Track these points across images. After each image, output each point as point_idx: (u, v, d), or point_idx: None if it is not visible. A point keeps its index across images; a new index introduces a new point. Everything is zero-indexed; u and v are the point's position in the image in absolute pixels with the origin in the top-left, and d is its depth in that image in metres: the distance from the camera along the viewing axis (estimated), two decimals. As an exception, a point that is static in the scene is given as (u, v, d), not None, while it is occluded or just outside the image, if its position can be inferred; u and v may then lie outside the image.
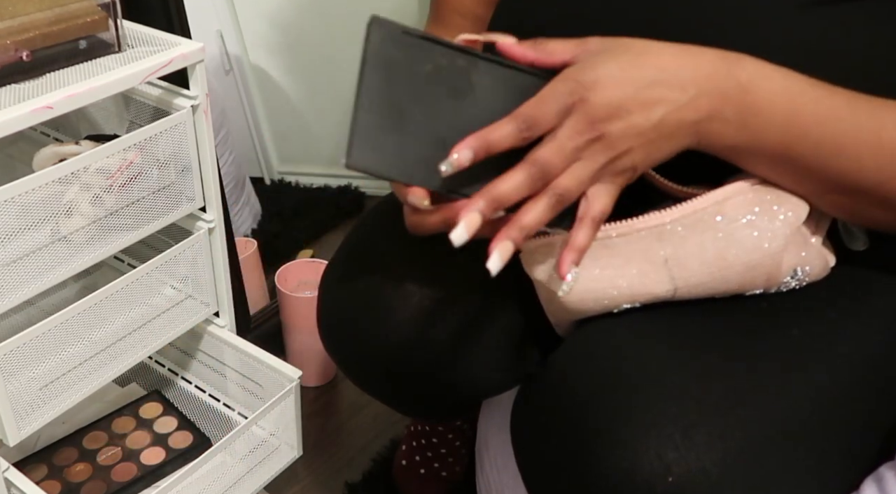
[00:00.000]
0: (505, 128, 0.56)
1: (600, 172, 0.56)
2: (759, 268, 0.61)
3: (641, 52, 0.56)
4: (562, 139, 0.55)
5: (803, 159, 0.57)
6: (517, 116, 0.56)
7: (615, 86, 0.54)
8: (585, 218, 0.57)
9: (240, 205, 1.53)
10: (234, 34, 1.61)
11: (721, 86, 0.55)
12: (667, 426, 0.54)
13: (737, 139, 0.57)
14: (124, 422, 0.98)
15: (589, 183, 0.56)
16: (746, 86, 0.55)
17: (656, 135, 0.56)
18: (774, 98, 0.56)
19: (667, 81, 0.55)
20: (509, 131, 0.55)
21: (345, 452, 1.24)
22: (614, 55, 0.55)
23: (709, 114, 0.56)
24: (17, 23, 0.66)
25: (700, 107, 0.55)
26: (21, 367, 0.71)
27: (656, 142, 0.56)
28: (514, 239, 0.56)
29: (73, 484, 0.90)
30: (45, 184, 0.67)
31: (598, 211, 0.57)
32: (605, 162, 0.56)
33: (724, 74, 0.55)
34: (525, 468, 0.65)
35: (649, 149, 0.56)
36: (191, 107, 0.76)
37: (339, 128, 1.72)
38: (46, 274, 0.70)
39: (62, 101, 0.65)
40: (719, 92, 0.55)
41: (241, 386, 0.95)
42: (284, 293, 1.27)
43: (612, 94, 0.54)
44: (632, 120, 0.55)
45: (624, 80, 0.55)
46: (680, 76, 0.55)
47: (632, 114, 0.55)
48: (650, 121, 0.55)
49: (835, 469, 0.57)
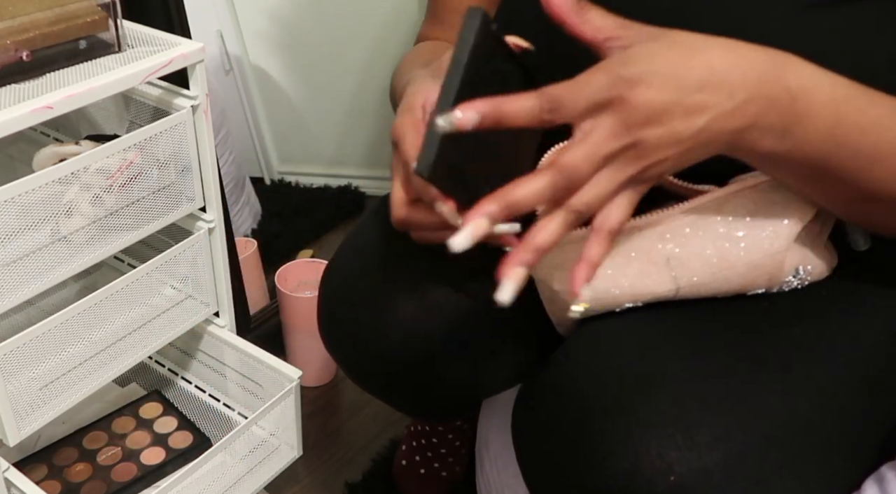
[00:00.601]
0: (525, 103, 0.49)
1: (626, 183, 0.51)
2: (761, 268, 0.61)
3: (690, 47, 0.50)
4: (595, 143, 0.49)
5: (839, 170, 0.54)
6: (544, 94, 0.49)
7: (660, 87, 0.48)
8: (602, 229, 0.52)
9: (240, 205, 1.53)
10: (234, 34, 1.61)
11: (771, 91, 0.50)
12: (668, 425, 0.54)
13: (775, 147, 0.53)
14: (124, 422, 0.98)
15: (612, 196, 0.51)
16: (796, 92, 0.51)
17: (694, 144, 0.51)
18: (821, 107, 0.52)
19: (715, 84, 0.49)
20: (529, 107, 0.49)
21: (345, 452, 1.24)
22: (661, 49, 0.50)
23: (753, 122, 0.51)
24: (17, 23, 0.66)
25: (746, 114, 0.50)
26: (21, 367, 0.71)
27: (692, 151, 0.51)
28: (527, 262, 0.50)
29: (73, 484, 0.90)
30: (45, 184, 0.67)
31: (615, 222, 0.52)
32: (635, 173, 0.51)
33: (775, 78, 0.50)
34: (526, 467, 0.65)
35: (683, 158, 0.51)
36: (191, 107, 0.76)
37: (339, 128, 1.72)
38: (46, 274, 0.70)
39: (62, 101, 0.65)
40: (768, 98, 0.50)
41: (241, 386, 0.95)
42: (284, 293, 1.27)
43: (656, 97, 0.48)
44: (673, 126, 0.49)
45: (670, 81, 0.49)
46: (730, 78, 0.49)
47: (673, 120, 0.49)
48: (691, 129, 0.50)
49: (836, 469, 0.57)
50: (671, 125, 0.49)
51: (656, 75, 0.49)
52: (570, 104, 0.49)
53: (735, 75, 0.49)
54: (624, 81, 0.48)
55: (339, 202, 1.71)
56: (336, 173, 1.75)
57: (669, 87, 0.49)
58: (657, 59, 0.49)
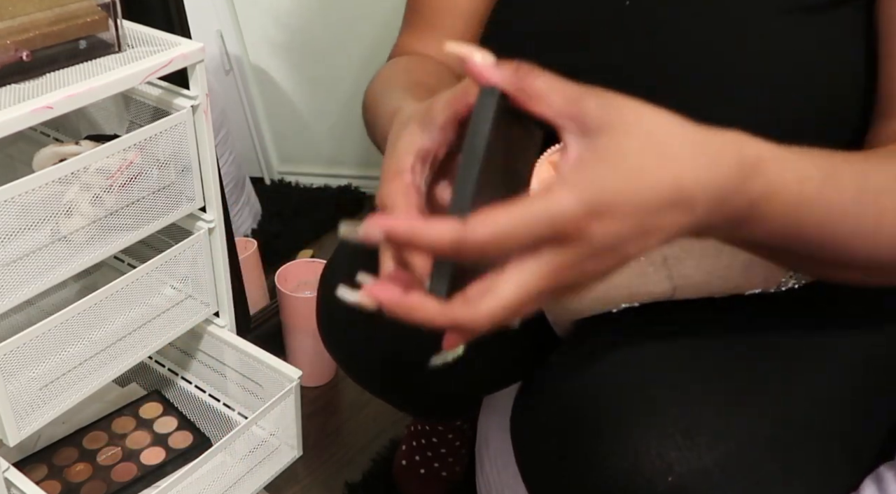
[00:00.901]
0: (442, 234, 0.41)
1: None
2: (757, 268, 0.61)
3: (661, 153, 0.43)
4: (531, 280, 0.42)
5: (790, 254, 0.52)
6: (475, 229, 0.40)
7: (625, 216, 0.42)
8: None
9: (240, 205, 1.53)
10: (234, 34, 1.61)
11: (730, 203, 0.45)
12: (668, 425, 0.54)
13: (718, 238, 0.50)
14: (124, 422, 0.98)
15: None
16: (756, 201, 0.46)
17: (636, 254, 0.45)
18: (782, 210, 0.48)
19: (679, 205, 0.43)
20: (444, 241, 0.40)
21: (345, 452, 1.24)
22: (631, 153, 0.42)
23: (704, 228, 0.46)
24: (17, 23, 0.66)
25: (699, 225, 0.45)
26: (21, 367, 0.71)
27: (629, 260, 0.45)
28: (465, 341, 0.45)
29: (73, 484, 0.90)
30: (45, 184, 0.67)
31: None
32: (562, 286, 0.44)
33: (737, 189, 0.45)
34: (525, 467, 0.65)
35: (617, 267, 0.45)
36: (191, 107, 0.76)
37: (339, 128, 1.72)
38: (46, 274, 0.70)
39: (62, 101, 0.65)
40: (725, 210, 0.46)
41: (241, 386, 0.95)
42: (284, 293, 1.27)
43: (619, 229, 0.42)
44: (625, 251, 0.43)
45: (638, 209, 0.42)
46: (694, 197, 0.44)
47: (628, 244, 0.43)
48: (643, 249, 0.44)
49: (835, 469, 0.57)
50: (624, 250, 0.43)
51: (621, 203, 0.41)
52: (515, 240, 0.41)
53: (699, 194, 0.44)
54: (590, 214, 0.41)
55: (339, 202, 1.71)
56: (336, 173, 1.75)
57: (635, 216, 0.42)
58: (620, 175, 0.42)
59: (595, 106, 0.43)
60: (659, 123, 0.44)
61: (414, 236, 0.41)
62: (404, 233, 0.41)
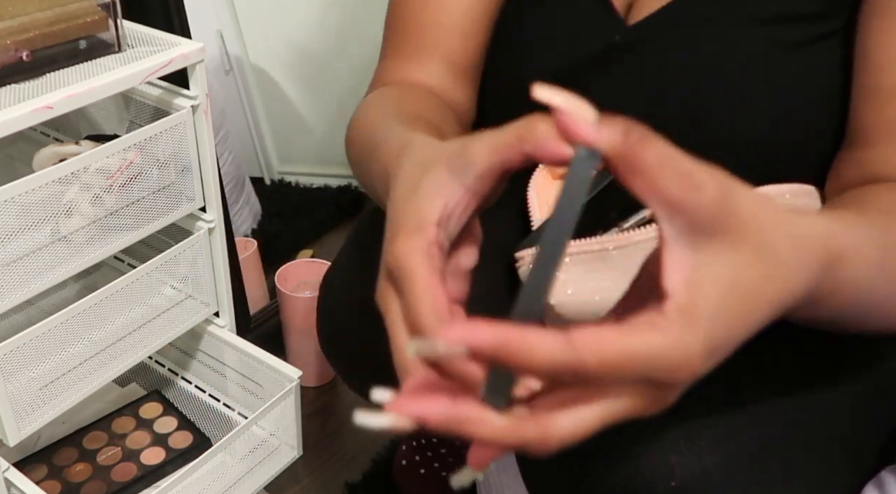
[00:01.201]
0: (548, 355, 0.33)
1: None
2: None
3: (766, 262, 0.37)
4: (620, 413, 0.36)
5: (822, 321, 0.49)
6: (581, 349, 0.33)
7: (721, 352, 0.37)
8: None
9: (240, 204, 1.53)
10: (234, 34, 1.61)
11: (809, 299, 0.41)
12: (670, 428, 0.54)
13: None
14: (124, 422, 0.98)
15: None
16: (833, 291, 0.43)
17: None
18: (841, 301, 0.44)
19: (770, 317, 0.39)
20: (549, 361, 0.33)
21: (345, 452, 1.24)
22: (737, 276, 0.36)
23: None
24: (17, 23, 0.66)
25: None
26: (21, 367, 0.71)
27: None
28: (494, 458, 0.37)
29: (73, 484, 0.90)
30: (45, 184, 0.67)
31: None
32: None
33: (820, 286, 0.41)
34: (526, 469, 0.65)
35: None
36: (191, 107, 0.76)
37: (339, 128, 1.71)
38: (46, 274, 0.70)
39: (62, 101, 0.65)
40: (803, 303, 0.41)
41: (241, 386, 0.95)
42: (284, 293, 1.27)
43: (710, 363, 0.37)
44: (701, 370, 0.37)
45: (741, 338, 0.38)
46: (786, 306, 0.39)
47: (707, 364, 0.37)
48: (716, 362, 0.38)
49: (836, 473, 0.57)
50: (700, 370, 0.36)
51: (736, 339, 0.37)
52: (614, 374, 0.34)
53: (791, 303, 0.39)
54: (707, 359, 0.36)
55: (339, 202, 1.71)
56: (336, 173, 1.75)
57: (730, 346, 0.37)
58: (742, 308, 0.37)
59: (710, 200, 0.35)
60: (769, 225, 0.37)
61: (505, 351, 0.33)
62: (494, 347, 0.33)
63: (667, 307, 0.35)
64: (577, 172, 0.34)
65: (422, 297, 0.38)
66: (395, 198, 0.42)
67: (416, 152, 0.44)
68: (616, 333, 0.34)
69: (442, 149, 0.42)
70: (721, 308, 0.36)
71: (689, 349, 0.35)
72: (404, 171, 0.43)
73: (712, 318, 0.35)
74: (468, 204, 0.40)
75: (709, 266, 0.36)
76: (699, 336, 0.35)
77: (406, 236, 0.39)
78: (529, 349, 0.33)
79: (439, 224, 0.39)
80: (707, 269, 0.36)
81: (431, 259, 0.38)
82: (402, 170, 0.43)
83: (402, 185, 0.42)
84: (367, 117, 0.64)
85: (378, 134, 0.57)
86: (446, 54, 0.71)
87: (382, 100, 0.67)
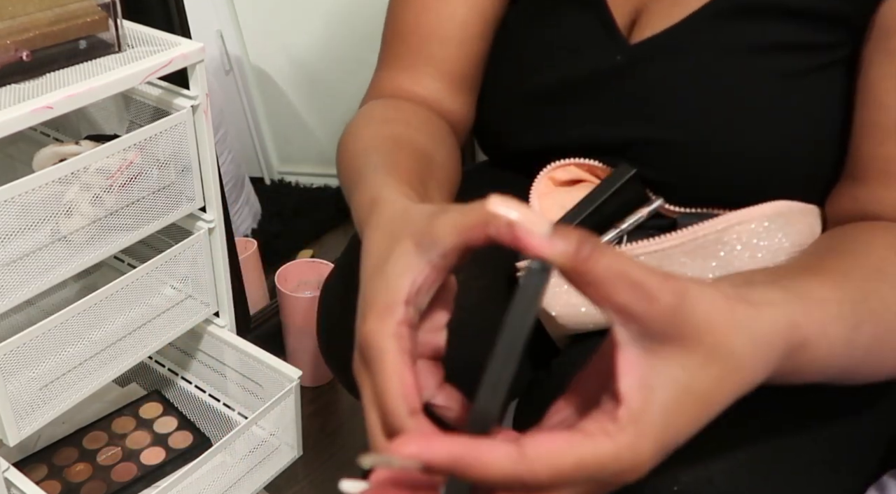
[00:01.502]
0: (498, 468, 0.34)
1: None
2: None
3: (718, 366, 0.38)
4: None
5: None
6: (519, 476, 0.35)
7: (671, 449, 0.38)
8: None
9: (240, 204, 1.53)
10: (234, 34, 1.61)
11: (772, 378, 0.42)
12: None
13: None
14: (124, 422, 0.98)
15: None
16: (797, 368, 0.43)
17: None
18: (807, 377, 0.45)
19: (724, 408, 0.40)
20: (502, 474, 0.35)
21: (345, 452, 1.24)
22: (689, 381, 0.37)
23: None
24: (17, 23, 0.66)
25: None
26: (21, 367, 0.71)
27: None
28: None
29: (73, 484, 0.90)
30: (45, 184, 0.67)
31: None
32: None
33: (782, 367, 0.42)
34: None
35: None
36: (191, 107, 0.76)
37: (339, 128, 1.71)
38: (46, 274, 0.70)
39: (62, 101, 0.65)
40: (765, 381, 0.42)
41: (241, 386, 0.95)
42: (284, 293, 1.27)
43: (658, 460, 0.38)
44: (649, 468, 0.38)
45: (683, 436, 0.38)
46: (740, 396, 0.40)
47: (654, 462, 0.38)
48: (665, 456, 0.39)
49: (839, 479, 0.57)
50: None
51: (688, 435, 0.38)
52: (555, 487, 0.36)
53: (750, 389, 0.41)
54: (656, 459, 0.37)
55: (339, 202, 1.71)
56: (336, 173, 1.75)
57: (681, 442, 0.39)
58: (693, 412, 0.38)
59: (662, 310, 0.36)
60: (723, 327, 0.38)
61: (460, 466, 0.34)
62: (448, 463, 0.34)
63: (620, 412, 0.36)
64: (530, 283, 0.35)
65: (390, 381, 0.40)
66: (364, 269, 0.44)
67: (383, 220, 0.46)
68: (567, 443, 0.35)
69: (409, 221, 0.43)
70: (672, 412, 0.37)
71: (639, 454, 0.36)
72: (373, 241, 0.45)
73: (664, 423, 0.37)
74: (436, 278, 0.41)
75: (662, 369, 0.37)
76: (650, 441, 0.36)
77: (376, 317, 0.40)
78: (482, 464, 0.34)
79: (408, 302, 0.40)
80: (660, 373, 0.37)
81: (401, 339, 0.40)
82: (371, 235, 0.45)
83: (372, 256, 0.44)
84: (354, 141, 0.65)
85: (357, 168, 0.59)
86: (442, 65, 0.71)
87: (369, 118, 0.68)
